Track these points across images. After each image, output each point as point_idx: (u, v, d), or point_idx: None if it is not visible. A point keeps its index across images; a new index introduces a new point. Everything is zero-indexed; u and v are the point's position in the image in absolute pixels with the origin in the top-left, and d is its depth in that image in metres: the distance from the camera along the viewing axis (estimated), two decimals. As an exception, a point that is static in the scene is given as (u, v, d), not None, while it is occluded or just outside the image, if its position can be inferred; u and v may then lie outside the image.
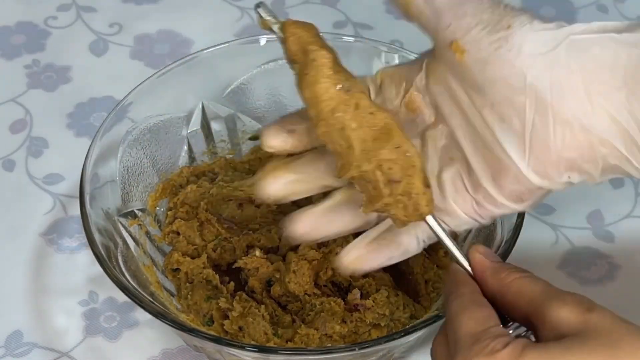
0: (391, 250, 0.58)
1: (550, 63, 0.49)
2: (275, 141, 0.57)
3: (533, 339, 0.48)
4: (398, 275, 0.68)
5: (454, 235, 0.55)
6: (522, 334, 0.49)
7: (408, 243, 0.57)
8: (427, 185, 0.53)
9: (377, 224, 0.58)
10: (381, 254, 0.58)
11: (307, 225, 0.58)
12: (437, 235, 0.54)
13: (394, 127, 0.52)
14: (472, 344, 0.46)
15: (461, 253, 0.53)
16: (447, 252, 0.53)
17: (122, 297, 0.67)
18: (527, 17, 0.50)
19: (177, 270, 0.68)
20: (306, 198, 0.73)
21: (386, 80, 0.56)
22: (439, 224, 0.53)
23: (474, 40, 0.50)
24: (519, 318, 0.49)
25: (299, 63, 0.53)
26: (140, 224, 0.69)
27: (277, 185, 0.57)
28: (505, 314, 0.50)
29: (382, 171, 0.52)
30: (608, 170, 0.51)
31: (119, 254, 0.64)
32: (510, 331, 0.49)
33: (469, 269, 0.52)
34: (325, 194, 0.59)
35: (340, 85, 0.52)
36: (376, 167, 0.52)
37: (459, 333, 0.48)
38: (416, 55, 0.58)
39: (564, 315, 0.46)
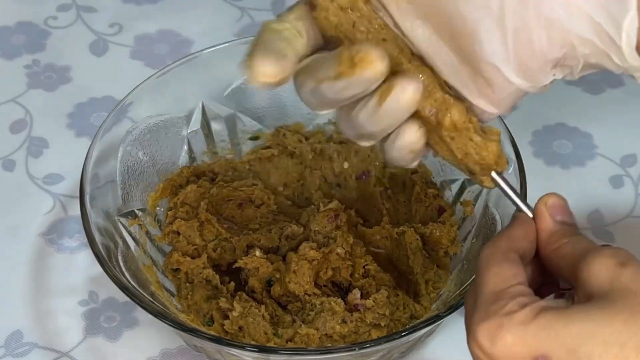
0: None
1: None
2: (268, 67, 0.49)
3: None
4: (398, 275, 0.68)
5: None
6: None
7: None
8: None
9: None
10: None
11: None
12: (503, 191, 0.53)
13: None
14: (492, 303, 0.46)
15: (527, 206, 0.52)
16: (514, 204, 0.53)
17: (122, 297, 0.67)
18: None
19: (177, 270, 0.68)
20: (306, 198, 0.74)
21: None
22: (505, 180, 0.53)
23: None
24: (567, 281, 0.48)
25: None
26: (140, 224, 0.69)
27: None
28: (559, 279, 0.49)
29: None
30: (587, 67, 0.50)
31: (119, 254, 0.64)
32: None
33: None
34: None
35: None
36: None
37: (482, 290, 0.47)
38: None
39: (596, 269, 0.45)
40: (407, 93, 0.49)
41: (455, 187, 0.71)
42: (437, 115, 0.51)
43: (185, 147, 0.74)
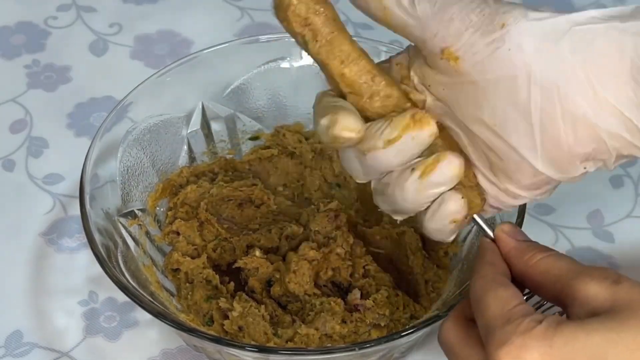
0: None
1: (555, 58, 0.48)
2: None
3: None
4: (398, 275, 0.68)
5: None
6: (554, 313, 0.49)
7: None
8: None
9: None
10: None
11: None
12: (475, 222, 0.54)
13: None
14: (504, 325, 0.46)
15: (492, 232, 0.53)
16: (480, 231, 0.54)
17: (122, 297, 0.67)
18: (520, 11, 0.49)
19: (177, 270, 0.68)
20: (306, 198, 0.74)
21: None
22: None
23: (468, 44, 0.49)
24: (549, 298, 0.49)
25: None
26: (140, 224, 0.69)
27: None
28: (536, 294, 0.50)
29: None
30: (620, 158, 0.50)
31: (119, 254, 0.64)
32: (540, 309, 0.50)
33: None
34: None
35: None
36: None
37: (487, 316, 0.47)
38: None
39: (593, 290, 0.47)
40: (453, 166, 0.51)
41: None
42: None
43: (185, 147, 0.74)
